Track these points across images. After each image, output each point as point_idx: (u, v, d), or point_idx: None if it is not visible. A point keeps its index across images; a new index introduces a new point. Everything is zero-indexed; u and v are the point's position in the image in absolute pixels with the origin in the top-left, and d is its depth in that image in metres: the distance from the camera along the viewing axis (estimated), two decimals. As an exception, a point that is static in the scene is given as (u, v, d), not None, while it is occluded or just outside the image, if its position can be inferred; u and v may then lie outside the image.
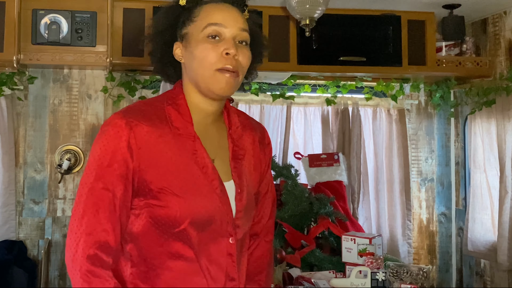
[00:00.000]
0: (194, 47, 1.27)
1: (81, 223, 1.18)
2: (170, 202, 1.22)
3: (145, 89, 3.11)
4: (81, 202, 1.20)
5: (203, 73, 1.26)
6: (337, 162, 3.11)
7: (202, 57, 1.25)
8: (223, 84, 1.25)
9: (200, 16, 1.28)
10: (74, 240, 1.18)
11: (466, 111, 3.37)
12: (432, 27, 3.10)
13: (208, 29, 1.26)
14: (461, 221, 3.43)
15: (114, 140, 1.21)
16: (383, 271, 2.34)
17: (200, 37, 1.26)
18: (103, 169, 1.20)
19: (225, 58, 1.25)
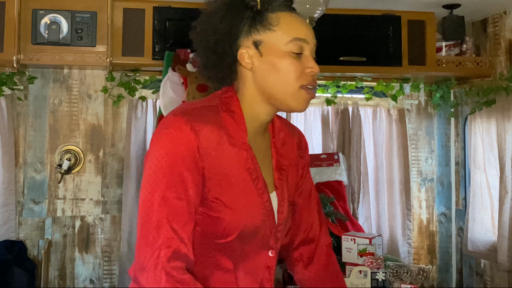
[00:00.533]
0: (276, 60, 1.20)
1: (159, 235, 1.11)
2: (222, 213, 1.18)
3: (145, 89, 3.11)
4: (154, 211, 1.12)
5: (285, 89, 1.21)
6: (337, 162, 3.11)
7: (286, 72, 1.20)
8: (304, 102, 1.23)
9: (280, 26, 1.21)
10: (153, 253, 1.10)
11: (466, 111, 3.37)
12: (432, 27, 3.10)
13: (294, 44, 1.21)
14: (461, 221, 3.43)
15: (182, 146, 1.14)
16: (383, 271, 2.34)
17: (284, 50, 1.20)
18: (174, 177, 1.13)
19: (307, 75, 1.22)
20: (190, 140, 1.14)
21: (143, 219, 1.14)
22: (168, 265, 1.09)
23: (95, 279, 3.09)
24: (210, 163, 1.17)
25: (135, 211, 3.08)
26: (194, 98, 2.63)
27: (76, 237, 3.08)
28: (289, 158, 1.37)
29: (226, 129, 1.21)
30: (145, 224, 1.13)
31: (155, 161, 1.15)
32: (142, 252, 1.12)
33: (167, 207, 1.12)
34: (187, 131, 1.15)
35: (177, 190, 1.13)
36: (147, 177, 1.16)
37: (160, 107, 2.69)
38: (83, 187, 3.10)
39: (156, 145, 1.16)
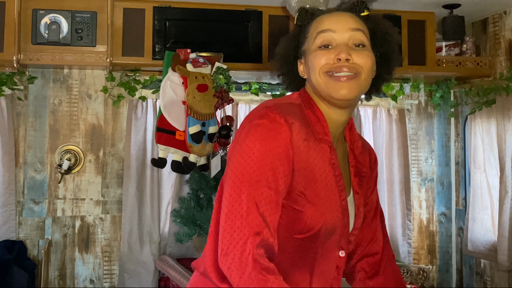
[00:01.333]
0: (309, 60, 1.26)
1: (248, 222, 1.11)
2: (305, 208, 1.19)
3: (145, 89, 3.11)
4: (243, 199, 1.12)
5: (317, 80, 1.24)
6: (337, 162, 3.11)
7: (313, 64, 1.24)
8: (338, 87, 1.22)
9: (312, 31, 1.28)
10: (241, 239, 1.10)
11: (466, 111, 3.37)
12: (432, 27, 3.10)
13: (318, 39, 1.25)
14: (461, 221, 3.43)
15: (277, 136, 1.15)
16: (383, 271, 2.33)
17: (313, 49, 1.26)
18: (265, 166, 1.14)
19: (334, 62, 1.22)
20: (285, 131, 1.16)
21: (230, 205, 1.13)
22: (256, 251, 1.09)
23: (95, 279, 3.09)
24: (299, 156, 1.19)
25: (135, 211, 3.09)
26: (194, 98, 2.63)
27: (76, 237, 3.08)
28: (366, 167, 1.42)
29: (312, 125, 1.24)
30: (233, 211, 1.12)
31: (246, 149, 1.15)
32: (227, 238, 1.11)
33: (257, 195, 1.12)
34: (282, 122, 1.17)
35: (267, 179, 1.13)
36: (237, 165, 1.15)
37: (160, 107, 2.69)
38: (83, 187, 3.10)
39: (249, 135, 1.16)
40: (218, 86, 2.69)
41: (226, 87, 2.71)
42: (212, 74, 2.71)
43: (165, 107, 2.65)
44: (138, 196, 3.09)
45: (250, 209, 1.12)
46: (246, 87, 3.28)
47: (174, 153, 2.68)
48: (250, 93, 3.27)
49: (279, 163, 1.15)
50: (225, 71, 2.69)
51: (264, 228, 1.12)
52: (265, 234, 1.12)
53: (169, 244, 3.14)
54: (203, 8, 2.91)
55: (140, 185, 3.10)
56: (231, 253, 1.10)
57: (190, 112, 2.62)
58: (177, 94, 2.66)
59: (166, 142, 2.66)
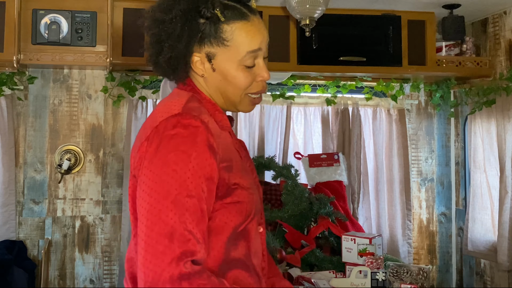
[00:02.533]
0: (228, 73, 1.22)
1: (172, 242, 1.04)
2: (241, 196, 1.17)
3: (145, 89, 3.11)
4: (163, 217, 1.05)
5: (234, 96, 1.25)
6: (337, 162, 3.11)
7: (237, 85, 1.23)
8: (251, 106, 1.28)
9: (234, 41, 1.20)
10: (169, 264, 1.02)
11: (466, 111, 3.37)
12: (432, 27, 3.10)
13: (247, 59, 1.21)
14: (461, 221, 3.43)
15: (194, 142, 1.10)
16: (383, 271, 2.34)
17: (236, 65, 1.21)
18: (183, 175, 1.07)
19: (257, 84, 1.26)
20: (202, 133, 1.11)
21: (149, 228, 1.05)
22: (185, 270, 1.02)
23: (95, 279, 3.09)
24: (222, 150, 1.15)
25: (135, 211, 3.08)
26: (194, 98, 2.62)
27: (76, 237, 3.08)
28: None
29: (212, 115, 1.22)
30: (152, 234, 1.04)
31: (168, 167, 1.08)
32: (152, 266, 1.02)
33: (178, 209, 1.05)
34: (198, 125, 1.12)
35: (187, 187, 1.07)
36: (152, 182, 1.07)
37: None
38: (83, 187, 3.10)
39: (160, 148, 1.09)
40: (218, 86, 2.69)
41: (226, 87, 2.71)
42: (212, 74, 2.71)
43: (165, 107, 2.65)
44: (138, 196, 3.09)
45: (173, 227, 1.04)
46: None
47: (174, 153, 2.68)
48: (250, 93, 3.27)
49: (198, 168, 1.09)
50: (225, 71, 2.69)
51: (193, 242, 1.05)
52: (194, 251, 1.05)
53: (169, 244, 3.14)
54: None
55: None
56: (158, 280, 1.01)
57: (190, 112, 2.62)
58: (177, 94, 2.66)
59: (166, 142, 2.66)
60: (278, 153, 3.32)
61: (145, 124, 1.22)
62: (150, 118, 1.21)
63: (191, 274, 1.02)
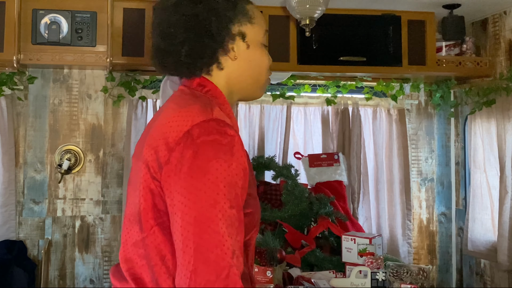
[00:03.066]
0: (257, 53, 1.24)
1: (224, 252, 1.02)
2: (252, 206, 1.15)
3: (145, 89, 3.11)
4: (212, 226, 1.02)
5: (258, 80, 1.26)
6: (337, 162, 3.11)
7: (263, 65, 1.26)
8: (264, 92, 1.32)
9: (257, 19, 1.23)
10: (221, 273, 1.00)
11: (466, 111, 3.37)
12: (432, 27, 3.10)
13: (265, 37, 1.27)
14: (461, 221, 3.43)
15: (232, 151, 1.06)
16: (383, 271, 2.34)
17: (260, 44, 1.25)
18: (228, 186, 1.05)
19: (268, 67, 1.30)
20: (238, 143, 1.08)
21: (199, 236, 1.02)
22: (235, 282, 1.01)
23: (95, 279, 3.09)
24: None
25: (135, 211, 3.08)
26: (194, 98, 2.62)
27: (76, 237, 3.08)
28: None
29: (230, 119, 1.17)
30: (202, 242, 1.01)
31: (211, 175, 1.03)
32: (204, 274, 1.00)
33: (226, 219, 1.03)
34: (233, 134, 1.08)
35: (230, 197, 1.04)
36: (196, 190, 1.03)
37: (160, 107, 2.68)
38: (83, 187, 3.10)
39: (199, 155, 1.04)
40: (218, 86, 2.69)
41: (226, 87, 2.71)
42: (212, 74, 2.70)
43: (165, 107, 2.65)
44: (138, 196, 3.09)
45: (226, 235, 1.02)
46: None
47: (174, 153, 2.68)
48: (250, 93, 3.26)
49: (238, 178, 1.06)
50: (225, 71, 2.69)
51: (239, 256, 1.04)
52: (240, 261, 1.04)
53: (169, 244, 3.14)
54: None
55: (140, 185, 3.10)
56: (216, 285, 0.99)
57: (190, 112, 2.61)
58: (177, 94, 2.65)
59: (166, 142, 2.66)
60: (278, 153, 3.32)
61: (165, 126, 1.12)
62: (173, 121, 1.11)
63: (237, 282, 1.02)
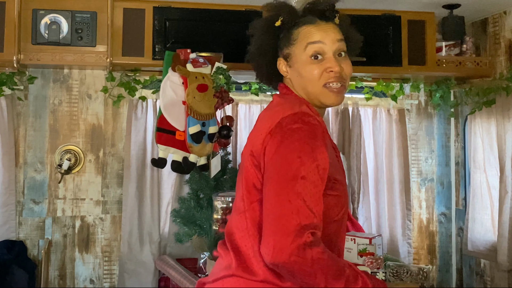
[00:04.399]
0: (300, 67, 1.43)
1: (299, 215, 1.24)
2: (339, 191, 1.37)
3: (145, 89, 3.11)
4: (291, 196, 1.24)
5: (313, 90, 1.42)
6: (337, 162, 3.12)
7: (309, 76, 1.41)
8: (333, 98, 1.42)
9: (299, 38, 1.43)
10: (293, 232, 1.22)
11: (466, 111, 3.37)
12: (432, 27, 3.10)
13: (309, 49, 1.41)
14: (461, 221, 3.43)
15: (315, 137, 1.29)
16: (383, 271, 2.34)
17: (304, 58, 1.42)
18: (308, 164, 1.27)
19: (328, 74, 1.40)
20: (320, 131, 1.32)
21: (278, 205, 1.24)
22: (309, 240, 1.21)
23: (95, 279, 3.09)
24: (327, 147, 1.34)
25: (135, 211, 3.08)
26: (194, 98, 2.63)
27: (76, 237, 3.08)
28: None
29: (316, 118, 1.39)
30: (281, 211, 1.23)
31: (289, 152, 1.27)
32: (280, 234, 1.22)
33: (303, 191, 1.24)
34: (316, 123, 1.32)
35: (309, 174, 1.25)
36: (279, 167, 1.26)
37: (160, 107, 2.69)
38: (83, 187, 3.10)
39: (285, 139, 1.28)
40: (218, 86, 2.69)
41: (226, 87, 2.71)
42: (212, 74, 2.71)
43: (165, 107, 2.65)
44: (138, 196, 3.09)
45: (299, 203, 1.23)
46: (246, 87, 3.28)
47: (174, 153, 2.68)
48: (250, 93, 3.27)
49: (319, 160, 1.28)
50: (225, 71, 2.69)
51: (313, 218, 1.24)
52: (315, 224, 1.24)
53: (169, 244, 3.14)
54: (203, 8, 2.90)
55: (140, 185, 3.10)
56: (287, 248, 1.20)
57: (190, 112, 2.62)
58: (177, 94, 2.66)
59: (166, 142, 2.66)
60: (278, 153, 3.32)
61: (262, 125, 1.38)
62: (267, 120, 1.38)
63: (313, 243, 1.22)
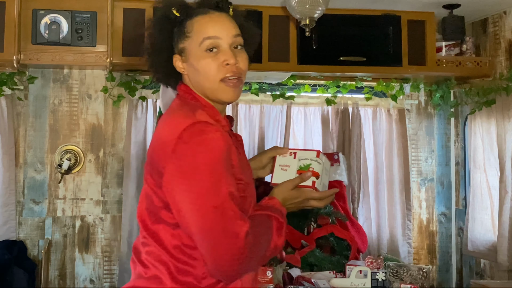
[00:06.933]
0: (195, 62, 1.36)
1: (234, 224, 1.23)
2: (245, 192, 1.32)
3: (145, 89, 3.11)
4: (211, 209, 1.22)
5: (210, 86, 1.36)
6: (337, 162, 3.11)
7: (205, 71, 1.35)
8: (230, 93, 1.36)
9: (194, 31, 1.36)
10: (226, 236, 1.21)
11: (466, 111, 3.37)
12: (432, 27, 3.10)
13: (205, 44, 1.34)
14: (461, 221, 3.43)
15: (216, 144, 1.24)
16: (383, 271, 2.34)
17: (199, 52, 1.35)
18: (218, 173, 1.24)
19: (225, 68, 1.34)
20: (224, 136, 1.26)
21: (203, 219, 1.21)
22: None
23: (95, 279, 3.09)
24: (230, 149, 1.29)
25: (135, 211, 3.08)
26: (194, 98, 2.62)
27: (76, 237, 3.08)
28: None
29: (215, 120, 1.34)
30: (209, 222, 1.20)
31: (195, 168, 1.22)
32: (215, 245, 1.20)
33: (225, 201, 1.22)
34: (217, 130, 1.26)
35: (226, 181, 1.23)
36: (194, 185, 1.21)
37: (160, 107, 2.69)
38: (83, 187, 3.10)
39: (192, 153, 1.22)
40: (218, 86, 2.69)
41: (226, 87, 2.71)
42: (212, 74, 2.71)
43: (165, 107, 2.65)
44: (138, 196, 3.08)
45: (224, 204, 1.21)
46: (246, 87, 3.28)
47: (174, 153, 2.68)
48: (250, 93, 3.27)
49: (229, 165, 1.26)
50: (225, 71, 2.69)
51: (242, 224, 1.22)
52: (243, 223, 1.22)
53: (169, 244, 3.14)
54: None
55: (140, 185, 3.10)
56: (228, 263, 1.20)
57: (190, 112, 2.62)
58: (177, 94, 2.66)
59: (166, 142, 2.66)
60: (278, 153, 3.32)
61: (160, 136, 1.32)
62: (165, 130, 1.31)
63: None
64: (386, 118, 3.44)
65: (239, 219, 1.22)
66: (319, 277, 2.40)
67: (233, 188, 1.24)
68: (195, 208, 1.21)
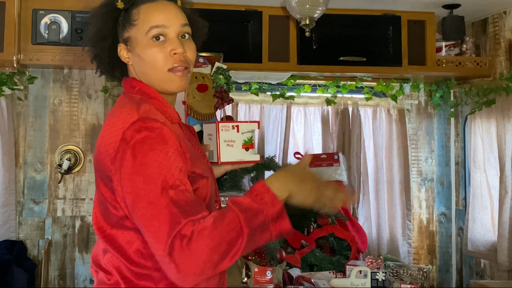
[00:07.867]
0: (141, 51, 1.32)
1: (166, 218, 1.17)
2: (198, 183, 1.27)
3: (145, 89, 3.11)
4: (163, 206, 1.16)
5: (156, 76, 1.32)
6: (337, 162, 3.11)
7: (151, 60, 1.31)
8: (177, 83, 1.33)
9: (140, 19, 1.32)
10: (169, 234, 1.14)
11: (466, 111, 3.37)
12: (432, 27, 3.10)
13: (151, 32, 1.31)
14: (461, 221, 3.43)
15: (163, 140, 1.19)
16: (383, 271, 2.34)
17: (145, 41, 1.31)
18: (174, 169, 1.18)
19: (173, 57, 1.31)
20: (167, 132, 1.21)
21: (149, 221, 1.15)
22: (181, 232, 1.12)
23: (95, 279, 3.09)
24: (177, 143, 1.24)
25: (135, 211, 3.08)
26: (194, 98, 2.63)
27: (76, 237, 3.08)
28: None
29: (163, 112, 1.31)
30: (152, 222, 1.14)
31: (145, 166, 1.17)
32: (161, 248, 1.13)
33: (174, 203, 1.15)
34: (160, 126, 1.21)
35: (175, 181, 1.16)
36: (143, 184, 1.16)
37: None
38: (83, 187, 3.10)
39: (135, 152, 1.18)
40: (218, 86, 2.69)
41: (226, 87, 2.71)
42: (212, 74, 2.71)
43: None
44: (138, 196, 3.09)
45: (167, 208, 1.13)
46: (246, 87, 3.28)
47: (174, 153, 2.68)
48: (250, 93, 3.27)
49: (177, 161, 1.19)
50: (225, 71, 2.70)
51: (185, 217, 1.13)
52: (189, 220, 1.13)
53: (169, 244, 3.14)
54: (203, 8, 2.90)
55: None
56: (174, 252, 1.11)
57: (190, 112, 2.62)
58: (177, 94, 2.66)
59: (166, 142, 2.66)
60: (278, 153, 3.32)
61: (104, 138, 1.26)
62: (108, 131, 1.26)
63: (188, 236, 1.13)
64: (386, 118, 3.44)
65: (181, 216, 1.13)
66: (319, 277, 2.40)
67: (180, 182, 1.17)
68: (143, 206, 1.15)
